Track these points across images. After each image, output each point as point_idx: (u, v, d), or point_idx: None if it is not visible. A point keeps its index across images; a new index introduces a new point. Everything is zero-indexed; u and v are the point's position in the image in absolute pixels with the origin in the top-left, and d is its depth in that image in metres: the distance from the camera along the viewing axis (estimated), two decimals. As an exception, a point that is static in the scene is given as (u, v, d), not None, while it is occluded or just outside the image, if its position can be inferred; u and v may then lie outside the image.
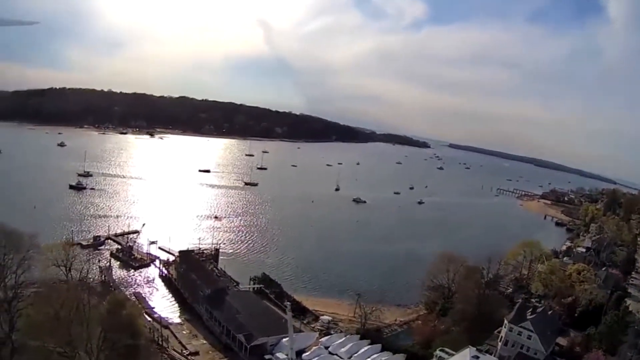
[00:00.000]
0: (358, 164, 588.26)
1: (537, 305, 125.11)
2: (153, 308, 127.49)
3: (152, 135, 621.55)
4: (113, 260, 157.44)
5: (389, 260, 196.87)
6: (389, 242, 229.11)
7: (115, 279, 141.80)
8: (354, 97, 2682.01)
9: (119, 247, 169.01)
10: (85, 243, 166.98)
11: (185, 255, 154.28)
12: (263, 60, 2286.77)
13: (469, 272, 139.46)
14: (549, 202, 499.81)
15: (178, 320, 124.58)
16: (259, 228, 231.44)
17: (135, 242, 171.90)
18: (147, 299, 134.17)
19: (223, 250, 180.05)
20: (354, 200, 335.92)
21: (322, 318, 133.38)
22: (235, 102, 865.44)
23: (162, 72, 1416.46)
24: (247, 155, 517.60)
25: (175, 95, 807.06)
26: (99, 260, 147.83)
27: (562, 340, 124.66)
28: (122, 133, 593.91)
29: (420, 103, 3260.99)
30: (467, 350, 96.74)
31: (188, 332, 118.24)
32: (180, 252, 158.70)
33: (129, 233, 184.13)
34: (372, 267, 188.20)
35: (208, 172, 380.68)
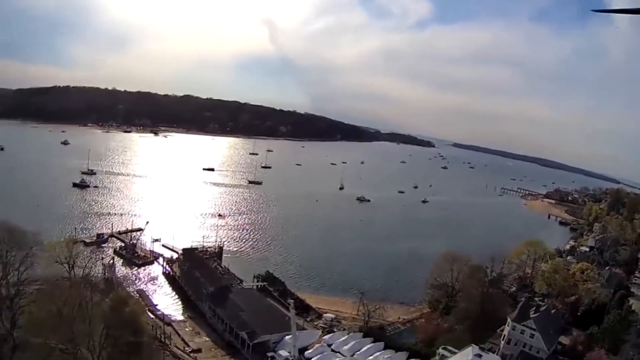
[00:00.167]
0: (362, 163, 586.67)
1: (540, 304, 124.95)
2: (156, 305, 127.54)
3: (156, 134, 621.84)
4: (116, 258, 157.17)
5: (393, 259, 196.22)
6: (393, 240, 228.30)
7: (119, 277, 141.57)
8: (359, 96, 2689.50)
9: (123, 244, 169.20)
10: (89, 240, 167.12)
11: (189, 253, 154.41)
12: (268, 59, 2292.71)
13: (473, 271, 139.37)
14: (553, 201, 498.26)
15: (181, 318, 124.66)
16: (263, 226, 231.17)
17: (139, 239, 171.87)
18: (150, 297, 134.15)
19: (227, 248, 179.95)
20: (358, 199, 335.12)
21: (325, 316, 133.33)
22: (240, 100, 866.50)
23: (166, 70, 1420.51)
24: (251, 154, 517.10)
25: (180, 94, 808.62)
26: (102, 258, 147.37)
27: (564, 339, 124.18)
28: (126, 131, 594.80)
29: (425, 102, 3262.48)
30: (469, 349, 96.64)
31: (191, 329, 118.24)
32: (184, 249, 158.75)
33: (133, 231, 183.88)
34: (375, 265, 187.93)
35: (212, 170, 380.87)
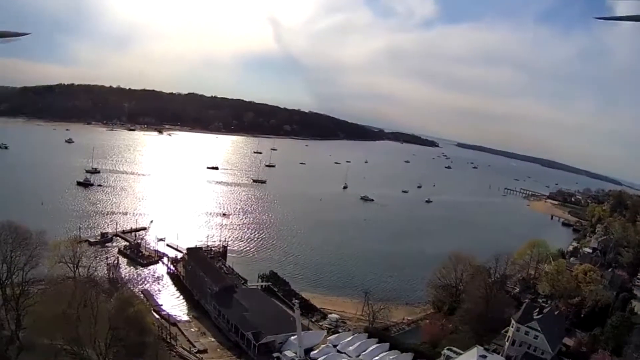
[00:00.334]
0: (366, 162, 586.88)
1: (544, 306, 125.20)
2: (161, 305, 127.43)
3: (160, 132, 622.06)
4: (121, 258, 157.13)
5: (397, 259, 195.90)
6: (397, 240, 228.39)
7: (123, 276, 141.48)
8: (363, 95, 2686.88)
9: (127, 244, 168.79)
10: (93, 240, 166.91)
11: (194, 253, 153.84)
12: (272, 58, 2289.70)
13: (477, 271, 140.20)
14: (556, 202, 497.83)
15: (186, 318, 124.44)
16: (267, 226, 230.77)
17: (143, 239, 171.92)
18: (155, 297, 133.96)
19: (231, 248, 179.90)
20: (362, 199, 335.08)
21: (330, 316, 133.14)
22: (244, 99, 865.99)
23: (170, 69, 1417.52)
24: (255, 153, 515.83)
25: (184, 92, 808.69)
26: (107, 258, 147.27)
27: (568, 341, 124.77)
28: (130, 130, 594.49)
29: (429, 102, 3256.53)
30: (474, 350, 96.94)
31: (196, 329, 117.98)
32: (189, 249, 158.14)
33: (137, 230, 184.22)
34: (380, 265, 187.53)
35: (216, 169, 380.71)
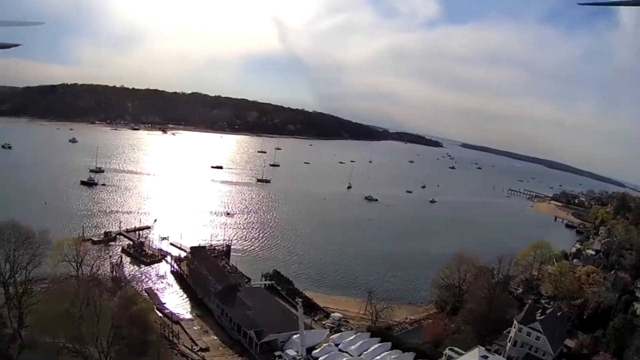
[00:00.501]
0: (370, 162, 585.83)
1: (546, 307, 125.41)
2: (164, 304, 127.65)
3: (164, 132, 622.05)
4: (124, 256, 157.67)
5: (401, 259, 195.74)
6: (401, 240, 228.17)
7: (126, 275, 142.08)
8: (367, 95, 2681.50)
9: (130, 243, 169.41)
10: (97, 239, 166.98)
11: (197, 252, 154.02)
12: (276, 58, 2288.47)
13: (480, 272, 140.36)
14: (560, 204, 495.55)
15: (189, 316, 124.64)
16: (271, 225, 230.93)
17: (147, 238, 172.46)
18: (158, 295, 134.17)
19: (235, 247, 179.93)
20: (366, 199, 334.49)
21: (332, 315, 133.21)
22: (248, 98, 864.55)
23: (174, 68, 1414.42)
24: (259, 152, 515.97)
25: (188, 92, 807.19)
26: (110, 256, 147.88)
27: (570, 342, 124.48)
28: (134, 129, 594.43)
29: (434, 102, 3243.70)
30: (476, 350, 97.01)
31: (199, 328, 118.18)
32: (192, 248, 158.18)
33: (141, 229, 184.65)
34: (383, 265, 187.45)
35: (220, 168, 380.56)
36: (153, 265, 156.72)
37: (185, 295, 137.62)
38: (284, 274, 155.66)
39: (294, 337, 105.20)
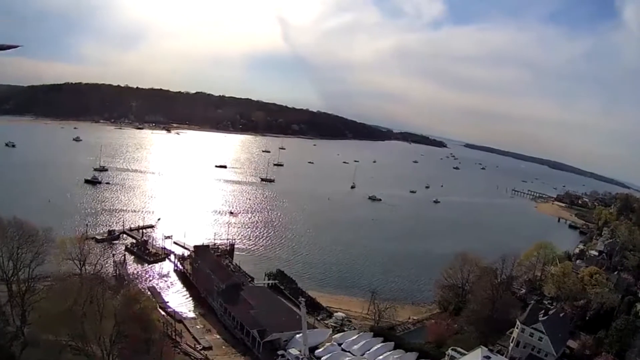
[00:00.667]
0: (374, 162, 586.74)
1: (549, 307, 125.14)
2: (167, 302, 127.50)
3: (168, 131, 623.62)
4: (128, 255, 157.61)
5: (404, 259, 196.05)
6: (404, 240, 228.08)
7: (130, 273, 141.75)
8: (372, 94, 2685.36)
9: (134, 241, 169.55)
10: (100, 237, 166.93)
11: (201, 250, 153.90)
12: (281, 57, 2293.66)
13: (483, 272, 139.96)
14: (563, 204, 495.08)
15: (192, 315, 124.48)
16: (275, 224, 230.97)
17: (150, 236, 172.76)
18: (161, 294, 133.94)
19: (238, 246, 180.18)
20: (370, 198, 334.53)
21: (335, 315, 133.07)
22: (253, 98, 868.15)
23: (178, 68, 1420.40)
24: (263, 152, 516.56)
25: (192, 91, 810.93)
26: (114, 255, 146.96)
27: (572, 343, 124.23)
28: (138, 128, 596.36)
29: (438, 102, 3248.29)
30: (478, 350, 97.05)
31: (202, 326, 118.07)
32: (196, 247, 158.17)
33: (144, 227, 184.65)
34: (387, 265, 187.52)
35: (224, 167, 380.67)
36: (156, 264, 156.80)
37: (189, 294, 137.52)
38: (287, 274, 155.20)
39: (297, 336, 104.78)
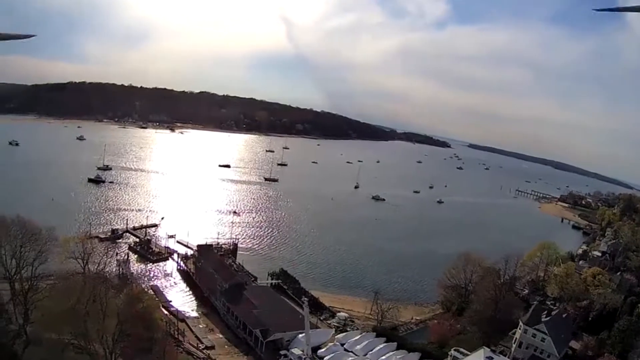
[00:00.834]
0: (378, 162, 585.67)
1: (552, 308, 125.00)
2: (170, 302, 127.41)
3: (172, 130, 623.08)
4: (131, 254, 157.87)
5: (407, 259, 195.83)
6: (408, 240, 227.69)
7: (133, 272, 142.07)
8: (376, 94, 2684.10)
9: (137, 240, 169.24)
10: (103, 236, 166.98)
11: (204, 250, 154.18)
12: (285, 57, 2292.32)
13: (486, 272, 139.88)
14: (567, 205, 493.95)
15: (195, 314, 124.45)
16: (278, 224, 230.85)
17: (154, 235, 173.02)
18: (164, 293, 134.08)
19: (241, 245, 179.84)
20: (373, 198, 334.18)
21: (338, 315, 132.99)
22: (256, 97, 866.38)
23: (182, 67, 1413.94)
24: (267, 151, 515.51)
25: (196, 91, 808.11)
26: (117, 254, 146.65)
27: (575, 344, 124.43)
28: (142, 127, 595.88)
29: (441, 102, 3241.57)
30: (481, 351, 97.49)
31: (205, 326, 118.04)
32: (199, 246, 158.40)
33: (148, 227, 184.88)
34: (390, 265, 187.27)
35: (228, 167, 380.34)
36: (160, 263, 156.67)
37: (191, 293, 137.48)
38: (291, 273, 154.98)
39: (300, 336, 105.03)
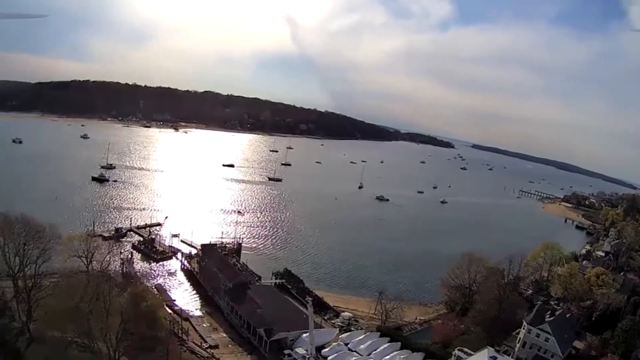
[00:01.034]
0: (382, 162, 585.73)
1: (555, 308, 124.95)
2: (174, 300, 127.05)
3: (176, 129, 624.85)
4: (135, 252, 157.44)
5: (411, 259, 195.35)
6: (412, 240, 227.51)
7: (137, 271, 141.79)
8: (379, 95, 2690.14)
9: (141, 239, 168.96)
10: (107, 235, 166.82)
11: (208, 249, 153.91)
12: (289, 57, 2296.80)
13: (490, 272, 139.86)
14: (570, 205, 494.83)
15: (199, 313, 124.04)
16: (282, 224, 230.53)
17: (158, 234, 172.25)
18: (168, 292, 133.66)
19: (245, 245, 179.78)
20: (377, 198, 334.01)
21: (342, 314, 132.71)
22: (260, 97, 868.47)
23: (186, 66, 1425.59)
24: (271, 151, 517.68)
25: (200, 90, 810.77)
26: (121, 252, 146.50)
27: (578, 344, 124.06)
28: (146, 126, 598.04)
29: (445, 103, 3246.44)
30: (485, 351, 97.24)
31: (208, 325, 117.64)
32: (203, 245, 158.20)
33: (152, 225, 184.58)
34: (394, 265, 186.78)
35: (232, 166, 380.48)
36: (163, 262, 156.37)
37: (195, 292, 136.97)
38: (295, 273, 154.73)
39: (304, 335, 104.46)
